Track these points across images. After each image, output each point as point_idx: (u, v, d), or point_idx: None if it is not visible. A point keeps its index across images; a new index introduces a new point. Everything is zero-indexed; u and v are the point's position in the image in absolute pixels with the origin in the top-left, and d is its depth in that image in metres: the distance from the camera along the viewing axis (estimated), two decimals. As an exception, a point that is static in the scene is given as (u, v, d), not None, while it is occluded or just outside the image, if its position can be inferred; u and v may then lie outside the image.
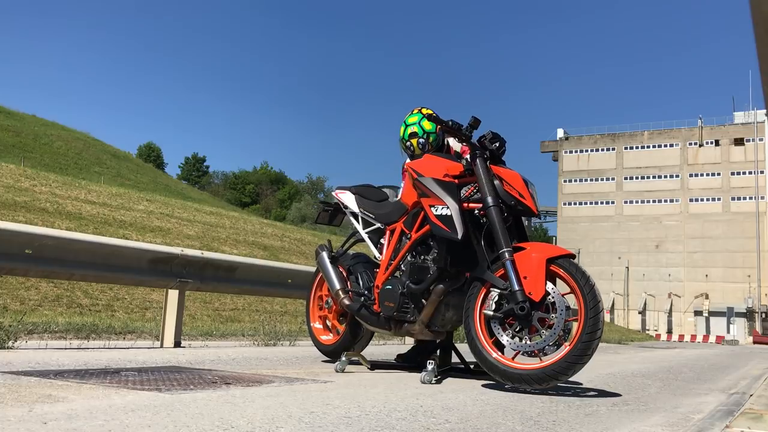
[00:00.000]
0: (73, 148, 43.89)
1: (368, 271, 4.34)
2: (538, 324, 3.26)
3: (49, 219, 14.88)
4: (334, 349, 4.55)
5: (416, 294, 3.81)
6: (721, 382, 5.00)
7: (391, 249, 4.08)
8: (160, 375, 3.27)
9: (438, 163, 3.76)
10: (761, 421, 2.63)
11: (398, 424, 2.17)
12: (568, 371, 3.17)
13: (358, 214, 4.49)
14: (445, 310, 3.79)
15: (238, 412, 2.20)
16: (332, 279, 4.38)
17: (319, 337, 4.75)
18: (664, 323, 61.31)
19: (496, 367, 3.31)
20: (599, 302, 3.19)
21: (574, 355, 3.14)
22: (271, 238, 25.06)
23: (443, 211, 3.57)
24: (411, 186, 3.91)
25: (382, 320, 4.03)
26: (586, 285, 3.20)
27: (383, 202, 4.48)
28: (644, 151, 66.89)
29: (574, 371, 3.19)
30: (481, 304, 3.45)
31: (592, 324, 3.14)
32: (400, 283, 3.90)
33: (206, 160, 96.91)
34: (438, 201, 3.61)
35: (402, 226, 4.06)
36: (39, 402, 2.23)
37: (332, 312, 4.65)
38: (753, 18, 1.98)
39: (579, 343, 3.15)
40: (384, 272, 4.06)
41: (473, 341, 3.42)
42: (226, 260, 6.67)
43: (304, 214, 77.87)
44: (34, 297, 10.06)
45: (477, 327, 3.42)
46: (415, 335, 4.02)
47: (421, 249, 3.90)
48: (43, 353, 4.32)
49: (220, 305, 13.63)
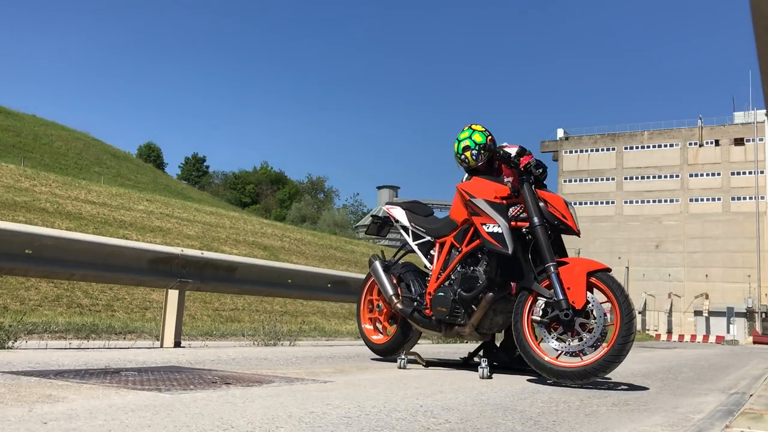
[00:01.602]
0: (73, 148, 43.88)
1: (418, 279, 4.84)
2: (579, 328, 3.74)
3: (49, 219, 14.88)
4: (384, 348, 5.07)
5: (467, 300, 4.29)
6: (721, 382, 5.00)
7: (441, 260, 4.58)
8: (160, 375, 3.27)
9: (488, 186, 4.28)
10: (761, 421, 2.63)
11: (398, 424, 2.17)
12: (606, 369, 3.65)
13: (409, 228, 4.97)
14: (494, 315, 4.30)
15: (238, 412, 2.20)
16: (386, 286, 4.88)
17: (370, 337, 5.22)
18: (664, 323, 61.30)
19: (543, 365, 3.77)
20: (632, 311, 3.67)
21: (612, 355, 3.62)
22: (271, 238, 25.07)
23: (494, 229, 4.06)
24: (462, 205, 4.43)
25: (434, 323, 4.52)
26: (621, 295, 3.67)
27: (430, 217, 5.02)
28: (644, 151, 66.89)
29: (611, 369, 3.67)
30: (528, 310, 3.91)
31: (627, 329, 3.61)
32: (451, 291, 4.37)
33: (206, 160, 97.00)
34: (489, 220, 4.11)
35: (453, 240, 4.55)
36: (39, 402, 2.23)
37: (383, 315, 5.15)
38: (753, 18, 1.99)
39: (616, 345, 3.61)
40: (435, 280, 4.56)
41: (522, 342, 3.88)
42: (226, 260, 6.67)
43: (304, 214, 77.87)
44: (34, 297, 10.07)
45: (525, 330, 3.88)
46: (465, 337, 4.52)
47: (470, 261, 4.38)
48: (43, 353, 4.32)
49: (220, 305, 13.63)
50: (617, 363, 3.64)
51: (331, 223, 74.26)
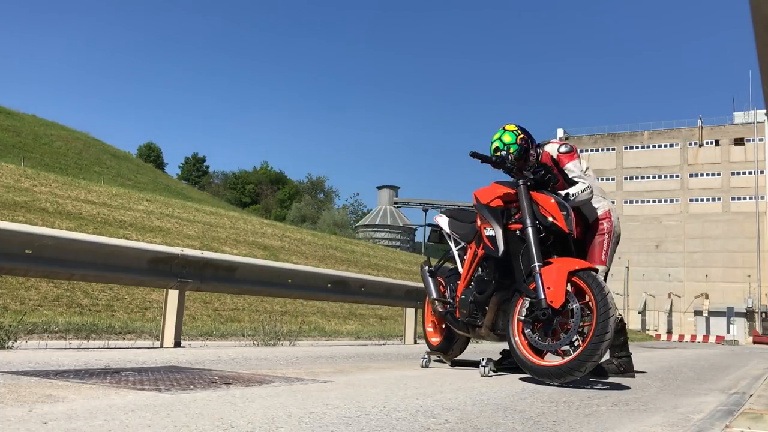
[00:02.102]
0: (73, 148, 43.88)
1: (456, 282, 4.98)
2: (559, 327, 3.81)
3: (49, 219, 14.88)
4: (439, 349, 5.27)
5: (480, 302, 4.47)
6: (721, 382, 5.00)
7: (467, 264, 4.72)
8: (160, 375, 3.27)
9: (493, 191, 4.38)
10: (761, 421, 2.63)
11: (398, 424, 2.17)
12: (581, 368, 3.64)
13: (450, 235, 5.15)
14: (503, 316, 4.35)
15: (238, 412, 2.20)
16: (430, 289, 5.12)
17: (430, 338, 5.45)
18: (664, 323, 61.28)
19: (526, 363, 3.86)
20: (609, 309, 3.65)
21: (585, 354, 3.63)
22: (271, 238, 25.07)
23: (490, 233, 4.24)
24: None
25: (461, 324, 4.69)
26: (599, 294, 3.69)
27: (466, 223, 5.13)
28: (644, 151, 66.87)
29: (587, 368, 3.66)
30: (518, 311, 4.01)
31: (601, 328, 3.61)
32: (471, 294, 4.56)
33: (206, 160, 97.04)
34: (488, 224, 4.27)
35: (474, 245, 4.71)
36: (39, 402, 2.23)
37: (436, 316, 5.35)
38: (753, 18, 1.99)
39: (590, 344, 3.62)
40: (462, 284, 4.73)
41: (511, 341, 3.98)
42: (226, 260, 6.67)
43: (304, 214, 77.88)
44: (34, 297, 10.07)
45: (514, 329, 3.98)
46: (483, 337, 4.66)
47: (485, 264, 4.50)
48: (43, 353, 4.32)
49: (220, 305, 13.63)
50: (593, 362, 3.64)
51: (331, 223, 74.31)
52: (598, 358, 3.64)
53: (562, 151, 4.79)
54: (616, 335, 4.63)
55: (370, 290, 8.66)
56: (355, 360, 5.21)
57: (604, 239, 4.79)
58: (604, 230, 4.81)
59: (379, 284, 9.11)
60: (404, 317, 9.57)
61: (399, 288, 9.25)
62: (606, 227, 4.82)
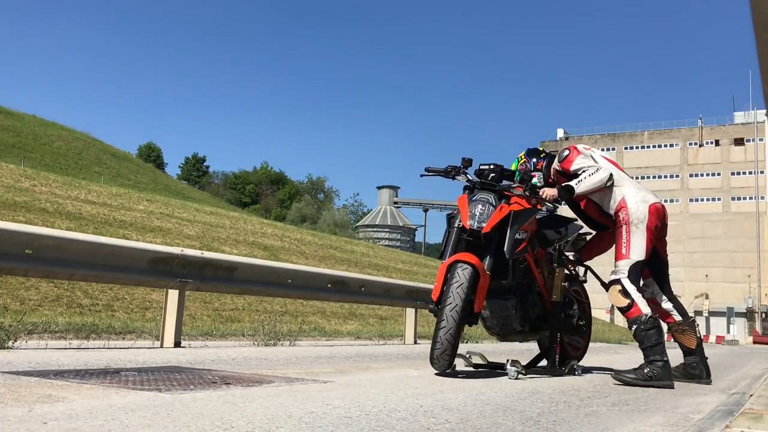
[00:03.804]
0: (73, 148, 43.88)
1: None
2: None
3: (49, 219, 14.88)
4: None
5: None
6: (721, 382, 5.00)
7: None
8: (160, 375, 3.27)
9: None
10: (761, 421, 2.63)
11: (398, 424, 2.17)
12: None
13: None
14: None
15: (238, 412, 2.19)
16: None
17: None
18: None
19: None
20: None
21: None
22: (271, 238, 25.06)
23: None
24: None
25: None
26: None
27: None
28: (644, 151, 66.86)
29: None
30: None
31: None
32: None
33: (206, 160, 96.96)
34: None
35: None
36: (39, 402, 2.22)
37: None
38: (753, 18, 1.98)
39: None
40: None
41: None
42: (226, 260, 6.67)
43: (304, 214, 77.86)
44: (34, 297, 10.06)
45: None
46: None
47: None
48: (43, 353, 4.32)
49: (220, 305, 13.63)
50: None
51: (331, 223, 74.30)
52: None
53: (560, 160, 4.82)
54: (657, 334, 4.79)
55: (370, 290, 8.66)
56: (355, 360, 5.21)
57: (622, 231, 4.59)
58: (620, 221, 4.62)
59: (379, 284, 9.11)
60: (404, 317, 9.57)
61: (399, 288, 9.25)
62: (622, 218, 4.62)
